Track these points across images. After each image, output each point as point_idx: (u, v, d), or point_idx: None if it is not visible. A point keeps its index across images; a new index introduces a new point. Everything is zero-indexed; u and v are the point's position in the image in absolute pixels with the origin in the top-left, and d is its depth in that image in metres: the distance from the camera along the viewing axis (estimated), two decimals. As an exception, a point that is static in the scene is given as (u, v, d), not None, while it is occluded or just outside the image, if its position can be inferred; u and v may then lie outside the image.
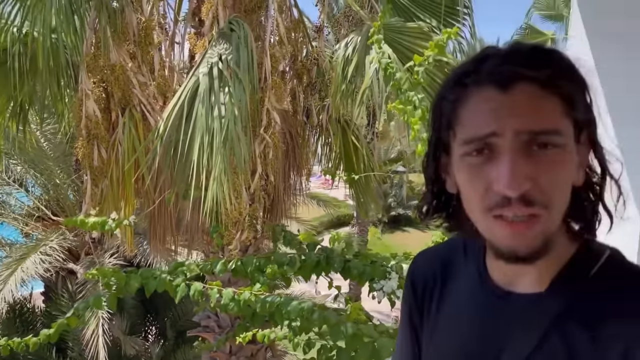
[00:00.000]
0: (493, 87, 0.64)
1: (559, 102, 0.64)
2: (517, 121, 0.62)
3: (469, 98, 0.66)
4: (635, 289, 0.67)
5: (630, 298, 0.66)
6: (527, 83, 0.63)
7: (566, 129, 0.64)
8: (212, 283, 3.07)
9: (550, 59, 0.64)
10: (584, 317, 0.65)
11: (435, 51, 2.34)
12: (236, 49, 2.86)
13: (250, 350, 3.97)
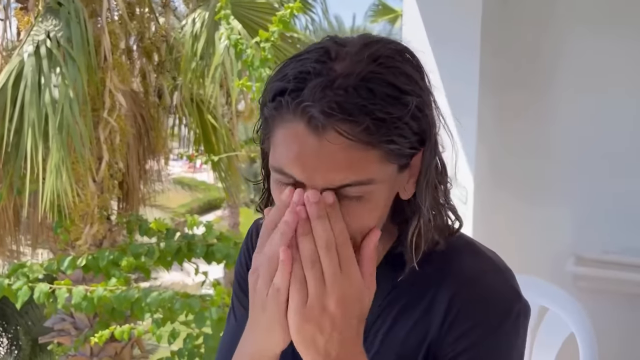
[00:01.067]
0: (305, 126, 0.56)
1: (377, 153, 0.58)
2: (325, 177, 0.57)
3: (283, 122, 0.58)
4: (449, 257, 0.72)
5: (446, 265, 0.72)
6: (341, 133, 0.55)
7: (378, 173, 0.59)
8: (61, 282, 2.82)
9: (374, 99, 0.56)
10: (413, 282, 0.71)
11: (280, 27, 2.31)
12: (66, 25, 2.59)
13: (114, 349, 3.74)
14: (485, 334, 0.70)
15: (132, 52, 3.98)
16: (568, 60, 2.26)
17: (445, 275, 0.72)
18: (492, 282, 0.72)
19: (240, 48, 2.70)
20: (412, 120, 0.59)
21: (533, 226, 2.40)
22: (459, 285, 0.71)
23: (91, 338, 2.58)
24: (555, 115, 2.34)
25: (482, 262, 0.74)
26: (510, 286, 0.74)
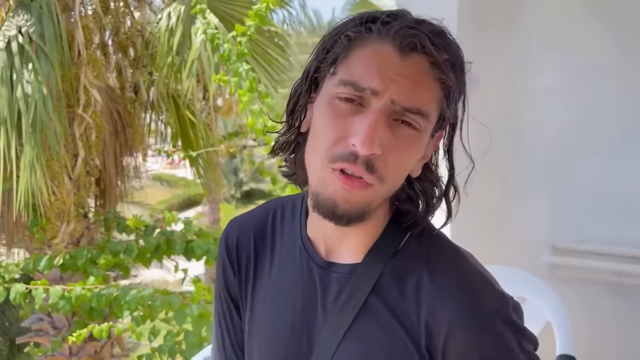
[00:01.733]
0: (393, 47, 0.62)
1: (439, 89, 0.65)
2: (397, 91, 0.62)
3: (367, 45, 0.64)
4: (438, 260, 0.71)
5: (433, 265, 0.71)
6: (423, 57, 0.63)
7: (432, 117, 0.65)
8: (37, 282, 2.78)
9: (451, 48, 0.65)
10: (394, 281, 0.70)
11: (256, 21, 2.29)
12: (38, 20, 2.54)
13: (94, 348, 3.70)
14: (489, 347, 0.67)
15: (107, 47, 3.92)
16: (544, 56, 2.29)
17: (425, 281, 0.69)
18: (484, 296, 0.70)
19: (216, 42, 2.67)
20: (459, 95, 0.68)
21: (510, 218, 2.43)
22: (442, 297, 0.68)
23: (69, 338, 2.55)
24: (529, 107, 2.37)
25: (464, 269, 0.72)
26: (494, 290, 0.71)
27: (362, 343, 0.70)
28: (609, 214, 2.24)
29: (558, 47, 2.22)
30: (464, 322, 0.67)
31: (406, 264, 0.71)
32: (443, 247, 0.74)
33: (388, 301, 0.70)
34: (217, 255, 0.87)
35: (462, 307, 0.67)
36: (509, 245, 2.34)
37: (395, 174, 0.66)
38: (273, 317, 0.78)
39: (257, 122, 2.56)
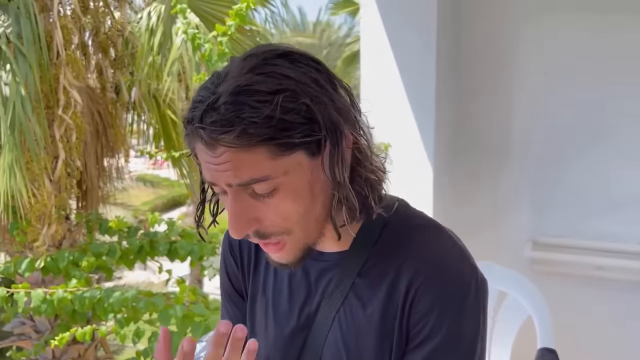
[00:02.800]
0: (202, 144, 0.66)
1: (263, 150, 0.64)
2: (223, 176, 0.66)
3: (192, 142, 0.68)
4: (410, 236, 0.78)
5: (407, 245, 0.77)
6: (223, 144, 0.64)
7: (276, 170, 0.66)
8: (19, 286, 2.74)
9: (243, 107, 0.63)
10: (379, 263, 0.77)
11: (236, 20, 2.29)
12: (16, 20, 2.50)
13: (77, 351, 3.66)
14: (446, 311, 0.73)
15: (87, 48, 3.87)
16: (521, 59, 2.32)
17: (405, 257, 0.75)
18: (449, 260, 0.76)
19: (197, 42, 2.66)
20: (286, 113, 0.64)
21: (491, 213, 2.46)
22: (418, 265, 0.74)
23: (52, 341, 2.52)
24: (510, 107, 2.40)
25: (439, 241, 0.78)
26: (468, 262, 0.77)
27: (350, 322, 0.78)
28: (589, 209, 2.28)
29: (545, 48, 2.25)
30: (434, 282, 0.73)
31: (389, 246, 0.77)
32: (422, 226, 0.79)
33: (372, 282, 0.76)
34: (220, 253, 0.94)
35: (436, 270, 0.74)
36: (490, 240, 2.37)
37: (291, 223, 0.70)
38: (273, 310, 0.85)
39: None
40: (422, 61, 2.18)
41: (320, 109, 0.66)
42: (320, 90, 0.67)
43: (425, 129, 2.20)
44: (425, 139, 2.22)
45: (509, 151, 2.42)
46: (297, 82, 0.66)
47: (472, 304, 0.75)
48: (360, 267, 0.78)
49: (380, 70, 2.22)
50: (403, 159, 2.28)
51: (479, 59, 2.40)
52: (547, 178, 2.37)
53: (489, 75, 2.40)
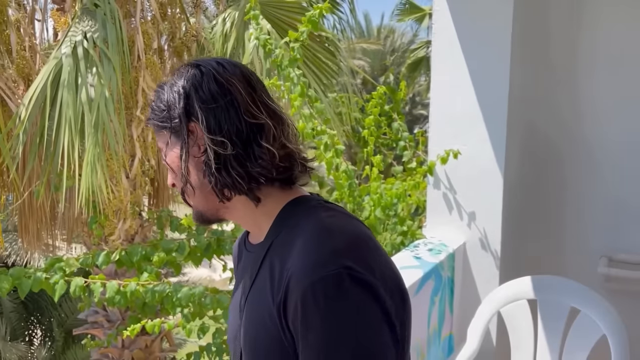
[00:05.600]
0: None
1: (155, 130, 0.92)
2: None
3: None
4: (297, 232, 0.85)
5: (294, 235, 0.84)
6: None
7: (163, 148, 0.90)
8: (95, 277, 2.90)
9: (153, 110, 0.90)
10: (277, 248, 0.86)
11: (309, 27, 2.33)
12: (102, 26, 2.66)
13: (145, 342, 3.82)
14: (304, 304, 0.77)
15: (163, 52, 4.06)
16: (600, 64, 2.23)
17: (289, 253, 0.82)
18: (311, 247, 0.80)
19: (269, 48, 2.73)
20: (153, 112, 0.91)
21: (563, 227, 2.38)
22: (290, 262, 0.80)
23: (123, 331, 2.65)
24: (586, 118, 2.31)
25: (315, 229, 0.83)
26: (329, 250, 0.79)
27: (253, 300, 0.87)
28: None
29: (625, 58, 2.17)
30: (297, 277, 0.78)
31: (287, 236, 0.85)
32: (315, 220, 0.86)
33: (270, 266, 0.84)
34: None
35: (300, 263, 0.79)
36: (564, 254, 2.28)
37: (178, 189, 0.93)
38: (232, 302, 0.99)
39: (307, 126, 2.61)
40: (495, 68, 2.14)
41: (172, 105, 0.87)
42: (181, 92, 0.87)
43: (497, 137, 2.16)
44: (496, 147, 2.17)
45: (583, 163, 2.33)
46: (171, 83, 0.88)
47: (335, 297, 0.76)
48: (265, 253, 0.87)
49: (451, 76, 2.20)
50: (472, 167, 2.25)
51: (555, 67, 2.33)
52: (624, 193, 2.27)
53: (565, 83, 2.33)
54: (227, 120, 0.84)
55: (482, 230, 2.26)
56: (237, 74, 0.88)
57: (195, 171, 0.87)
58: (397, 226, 2.43)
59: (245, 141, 0.85)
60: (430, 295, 2.10)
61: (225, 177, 0.85)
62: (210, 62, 0.90)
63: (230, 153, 0.84)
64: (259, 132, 0.85)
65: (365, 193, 2.61)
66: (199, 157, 0.86)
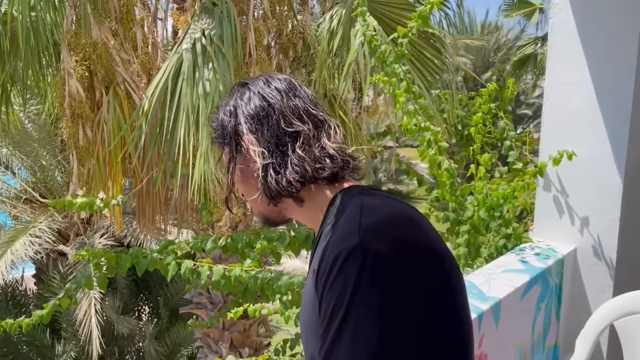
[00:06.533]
0: None
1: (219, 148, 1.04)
2: None
3: None
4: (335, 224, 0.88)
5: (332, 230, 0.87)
6: None
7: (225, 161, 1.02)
8: (203, 260, 3.08)
9: (213, 129, 1.03)
10: (324, 235, 0.89)
11: (418, 22, 2.32)
12: (219, 23, 2.82)
13: (243, 326, 4.01)
14: (323, 272, 0.80)
15: (270, 49, 4.21)
16: None
17: (331, 232, 0.86)
18: (343, 223, 0.85)
19: (374, 44, 2.75)
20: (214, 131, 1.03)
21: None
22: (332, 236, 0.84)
23: (227, 313, 2.79)
24: None
25: (352, 210, 0.87)
26: (354, 226, 0.82)
27: (306, 284, 0.92)
28: None
29: None
30: (329, 249, 0.82)
31: (333, 222, 0.89)
32: (356, 203, 0.89)
33: (317, 251, 0.88)
34: None
35: (332, 238, 0.83)
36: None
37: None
38: None
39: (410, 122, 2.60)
40: (619, 64, 2.01)
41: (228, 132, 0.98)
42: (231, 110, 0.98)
43: (618, 139, 2.02)
44: (616, 150, 2.04)
45: None
46: (225, 103, 1.01)
47: (347, 276, 0.77)
48: (316, 245, 0.92)
49: (568, 72, 2.09)
50: (588, 170, 2.13)
51: None
52: None
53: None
54: (267, 132, 0.94)
55: (596, 237, 2.13)
56: (282, 87, 0.97)
57: (251, 181, 0.97)
58: (502, 228, 2.36)
59: (282, 149, 0.93)
60: (536, 301, 2.02)
61: (268, 184, 0.93)
62: (257, 79, 1.00)
63: (270, 162, 0.93)
64: (296, 139, 0.93)
65: (467, 192, 2.56)
66: (250, 168, 0.96)
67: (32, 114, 7.68)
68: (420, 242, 0.85)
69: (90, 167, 3.31)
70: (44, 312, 2.75)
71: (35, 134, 7.94)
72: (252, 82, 1.00)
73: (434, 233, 0.90)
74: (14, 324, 2.71)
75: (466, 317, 0.88)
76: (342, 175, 0.96)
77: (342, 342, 0.75)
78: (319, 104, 1.00)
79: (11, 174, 8.48)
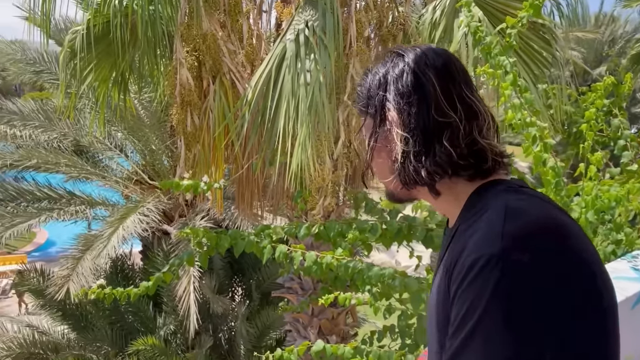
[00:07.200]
0: None
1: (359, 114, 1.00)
2: None
3: None
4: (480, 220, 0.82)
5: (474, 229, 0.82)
6: None
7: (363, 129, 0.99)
8: (296, 246, 3.17)
9: (358, 94, 0.98)
10: (462, 232, 0.85)
11: (530, 12, 2.22)
12: (322, 15, 2.87)
13: (332, 313, 4.08)
14: (457, 277, 0.77)
15: (369, 40, 4.20)
16: None
17: (470, 231, 0.81)
18: (484, 226, 0.79)
19: (479, 35, 2.66)
20: (358, 96, 0.99)
21: None
22: (471, 236, 0.80)
23: (319, 299, 2.86)
24: None
25: (495, 211, 0.80)
26: (497, 231, 0.76)
27: (436, 280, 0.89)
28: None
29: None
30: (466, 251, 0.78)
31: (473, 219, 0.83)
32: (500, 202, 0.82)
33: (454, 248, 0.84)
34: None
35: (472, 240, 0.79)
36: None
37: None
38: None
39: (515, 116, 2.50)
40: None
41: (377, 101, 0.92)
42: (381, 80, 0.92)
43: None
44: None
45: None
46: (375, 71, 0.94)
47: (478, 287, 0.74)
48: (449, 243, 0.87)
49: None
50: None
51: None
52: None
53: None
54: (415, 116, 0.86)
55: None
56: (438, 65, 0.89)
57: (386, 157, 0.92)
58: (612, 233, 2.21)
59: (428, 139, 0.86)
60: (648, 312, 1.87)
61: (406, 171, 0.88)
62: (413, 51, 0.91)
63: (412, 150, 0.86)
64: (445, 130, 0.85)
65: (574, 193, 2.42)
66: (389, 148, 0.90)
67: (145, 101, 8.27)
68: (568, 254, 0.77)
69: (196, 152, 3.51)
70: (149, 283, 2.97)
71: (147, 120, 8.53)
72: (408, 54, 0.91)
73: (585, 243, 0.81)
74: (124, 292, 2.96)
75: (614, 347, 0.81)
76: (485, 173, 0.88)
77: (469, 350, 0.73)
78: (474, 89, 0.91)
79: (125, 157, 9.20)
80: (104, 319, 7.66)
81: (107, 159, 9.26)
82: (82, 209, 8.44)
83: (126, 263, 8.47)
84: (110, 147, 9.00)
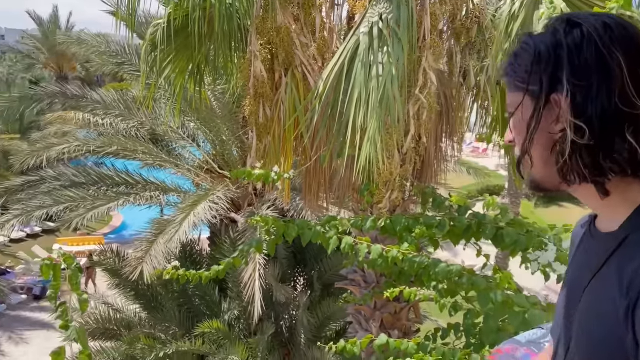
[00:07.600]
0: None
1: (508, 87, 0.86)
2: None
3: None
4: None
5: None
6: None
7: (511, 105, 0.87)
8: (362, 239, 3.18)
9: (513, 65, 0.84)
10: (633, 243, 0.75)
11: (620, 3, 2.11)
12: (397, 7, 2.85)
13: (394, 308, 4.07)
14: None
15: (443, 33, 4.13)
16: None
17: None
18: None
19: (561, 28, 2.56)
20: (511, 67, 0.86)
21: None
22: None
23: (384, 292, 2.86)
24: None
25: None
26: None
27: (594, 294, 0.79)
28: None
29: None
30: None
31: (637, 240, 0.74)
32: None
33: (621, 261, 0.75)
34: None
35: None
36: None
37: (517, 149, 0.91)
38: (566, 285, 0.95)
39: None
40: None
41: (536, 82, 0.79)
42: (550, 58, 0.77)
43: None
44: None
45: None
46: (541, 40, 0.80)
47: None
48: (612, 252, 0.77)
49: None
50: None
51: None
52: None
53: None
54: (595, 102, 0.72)
55: None
56: (626, 41, 0.72)
57: (542, 145, 0.79)
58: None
59: (607, 131, 0.72)
60: None
61: (573, 164, 0.75)
62: (594, 20, 0.74)
63: (585, 142, 0.73)
64: (629, 122, 0.72)
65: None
66: (552, 134, 0.77)
67: (218, 93, 8.53)
68: None
69: (266, 143, 3.59)
70: (220, 267, 3.08)
71: (219, 112, 8.81)
72: (588, 24, 0.74)
73: None
74: (196, 274, 3.09)
75: None
76: None
77: None
78: None
79: (196, 146, 9.55)
80: (173, 301, 8.01)
81: (180, 148, 9.66)
82: (156, 194, 8.85)
83: (195, 249, 8.80)
84: (184, 137, 9.37)
